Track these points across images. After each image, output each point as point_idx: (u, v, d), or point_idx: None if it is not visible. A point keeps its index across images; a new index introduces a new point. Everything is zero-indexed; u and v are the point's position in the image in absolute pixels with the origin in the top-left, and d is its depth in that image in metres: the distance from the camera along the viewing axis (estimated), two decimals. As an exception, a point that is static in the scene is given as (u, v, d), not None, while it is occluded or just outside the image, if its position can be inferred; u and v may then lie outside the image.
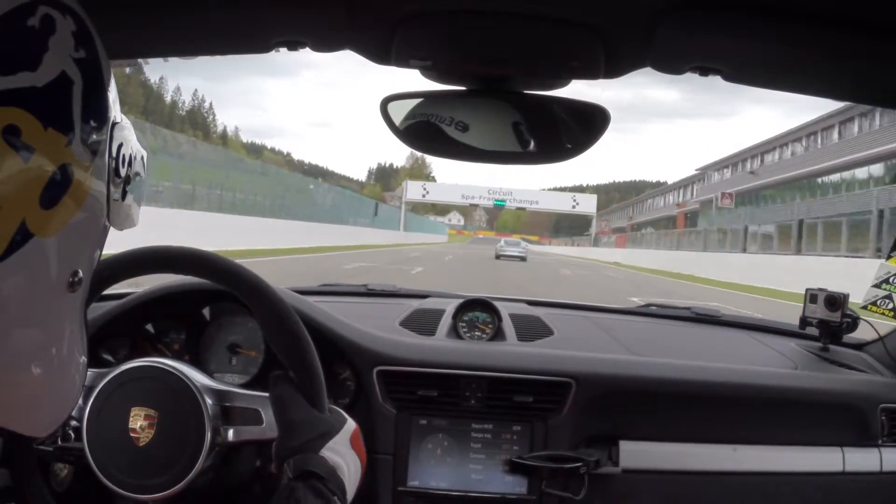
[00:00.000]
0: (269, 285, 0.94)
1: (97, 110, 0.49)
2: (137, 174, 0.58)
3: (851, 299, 1.60)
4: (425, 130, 0.91)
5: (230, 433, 0.95)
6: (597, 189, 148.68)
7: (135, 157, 0.57)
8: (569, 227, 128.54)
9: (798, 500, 1.35)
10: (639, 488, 1.32)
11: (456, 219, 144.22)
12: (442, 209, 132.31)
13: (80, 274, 0.49)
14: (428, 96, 0.91)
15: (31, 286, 0.45)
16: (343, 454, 0.87)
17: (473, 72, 0.87)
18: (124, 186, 0.54)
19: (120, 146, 0.53)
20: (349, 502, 0.88)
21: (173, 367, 0.95)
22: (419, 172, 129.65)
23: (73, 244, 0.48)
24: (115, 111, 0.53)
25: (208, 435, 0.92)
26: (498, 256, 31.31)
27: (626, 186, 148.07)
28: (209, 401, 0.94)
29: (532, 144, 0.91)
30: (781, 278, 15.82)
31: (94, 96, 0.48)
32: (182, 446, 0.91)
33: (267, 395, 0.94)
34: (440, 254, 32.54)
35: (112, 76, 0.52)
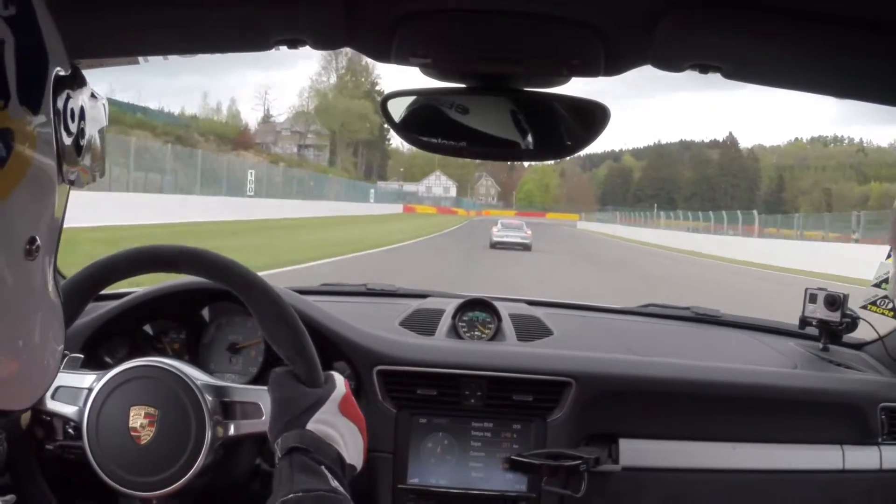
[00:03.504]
0: (261, 278, 0.95)
1: (35, 66, 0.46)
2: (94, 126, 0.55)
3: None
4: (425, 127, 0.92)
5: (231, 428, 0.95)
6: (637, 153, 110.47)
7: (87, 109, 0.53)
8: (624, 195, 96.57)
9: (798, 498, 1.35)
10: (638, 486, 1.32)
11: (441, 187, 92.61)
12: (420, 168, 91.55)
13: (39, 241, 0.47)
14: (428, 94, 0.91)
15: None
16: (333, 423, 0.87)
17: (473, 70, 0.87)
18: (77, 141, 0.52)
19: (67, 99, 0.50)
20: (357, 466, 0.88)
21: (172, 366, 0.96)
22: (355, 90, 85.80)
23: (24, 210, 0.45)
24: (60, 62, 0.49)
25: (209, 431, 0.92)
26: (493, 245, 22.50)
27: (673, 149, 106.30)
28: (209, 397, 0.94)
29: (532, 141, 0.92)
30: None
31: (32, 52, 0.45)
32: (183, 444, 0.92)
33: (265, 388, 0.94)
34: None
35: (53, 26, 0.49)
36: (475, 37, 0.82)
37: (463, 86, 0.89)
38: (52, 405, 0.96)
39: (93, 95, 0.56)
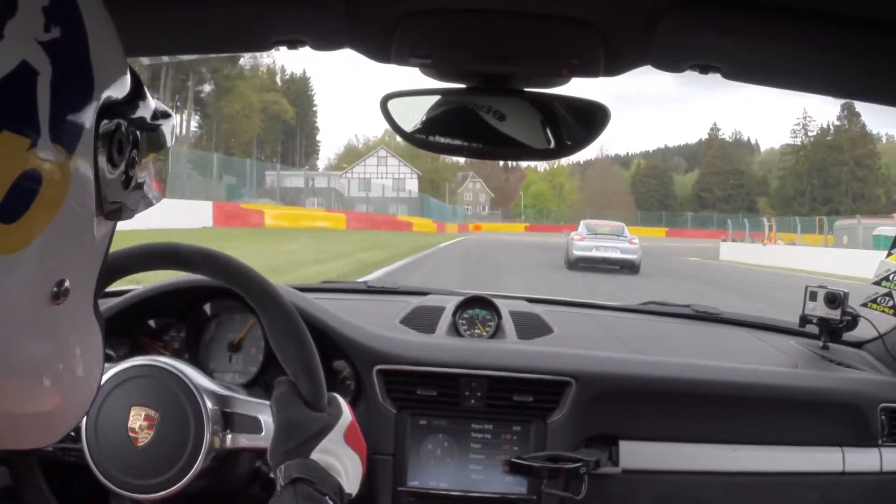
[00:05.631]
0: (277, 288, 0.94)
1: (76, 97, 0.40)
2: (153, 153, 0.50)
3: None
4: (425, 127, 0.92)
5: (228, 440, 0.95)
6: (647, 156, 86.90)
7: (145, 133, 0.48)
8: (663, 199, 72.33)
9: (798, 500, 1.34)
10: (639, 488, 1.32)
11: (391, 177, 58.49)
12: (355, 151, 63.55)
13: (68, 283, 0.42)
14: (428, 94, 0.91)
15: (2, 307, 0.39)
16: (337, 453, 0.85)
17: (473, 70, 0.87)
18: (127, 171, 0.46)
19: (117, 128, 0.44)
20: (353, 494, 0.87)
21: (175, 368, 0.95)
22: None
23: (50, 253, 0.41)
24: (112, 85, 0.44)
25: (207, 438, 0.92)
26: (574, 263, 14.83)
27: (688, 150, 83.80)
28: (210, 404, 0.94)
29: (530, 141, 0.92)
30: None
31: (73, 81, 0.40)
32: (181, 449, 0.91)
33: (268, 402, 0.93)
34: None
35: (110, 43, 0.44)
36: (475, 37, 0.82)
37: (462, 86, 0.89)
38: None
39: (158, 115, 0.51)
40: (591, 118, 0.89)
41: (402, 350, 1.33)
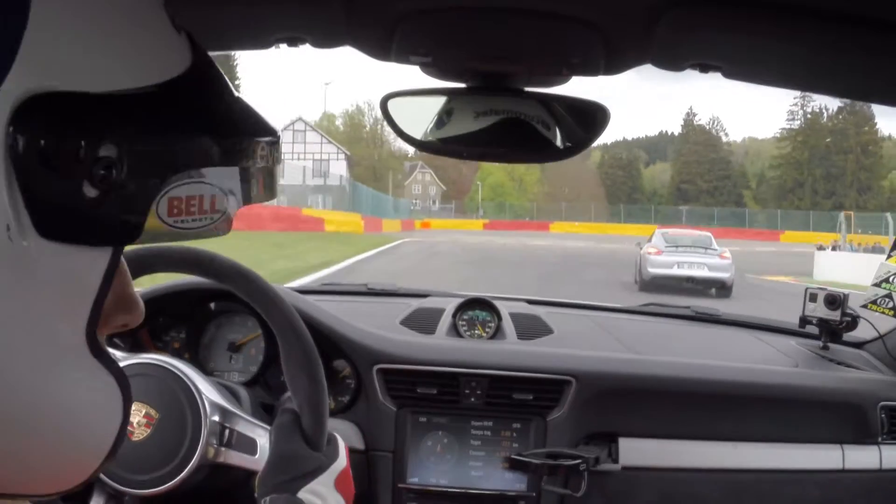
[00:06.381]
0: (300, 322, 0.91)
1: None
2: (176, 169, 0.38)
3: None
4: (425, 127, 0.92)
5: (222, 452, 0.94)
6: (607, 149, 70.95)
7: (133, 147, 0.36)
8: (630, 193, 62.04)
9: (798, 497, 1.35)
10: (638, 485, 1.32)
11: (293, 151, 44.71)
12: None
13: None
14: (428, 93, 0.91)
15: None
16: (324, 496, 0.83)
17: (474, 69, 0.87)
18: (95, 186, 0.35)
19: (58, 132, 0.34)
20: None
21: (182, 373, 0.95)
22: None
23: None
24: (72, 75, 0.34)
25: (201, 447, 0.92)
26: (648, 283, 11.60)
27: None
28: (211, 416, 0.94)
29: (531, 143, 0.92)
30: None
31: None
32: (173, 453, 0.91)
33: (268, 428, 0.93)
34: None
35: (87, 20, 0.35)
36: (475, 35, 0.82)
37: (463, 85, 0.89)
38: None
39: (180, 124, 0.40)
40: (590, 119, 0.89)
41: (403, 350, 1.33)
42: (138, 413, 0.92)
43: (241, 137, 0.43)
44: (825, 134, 56.44)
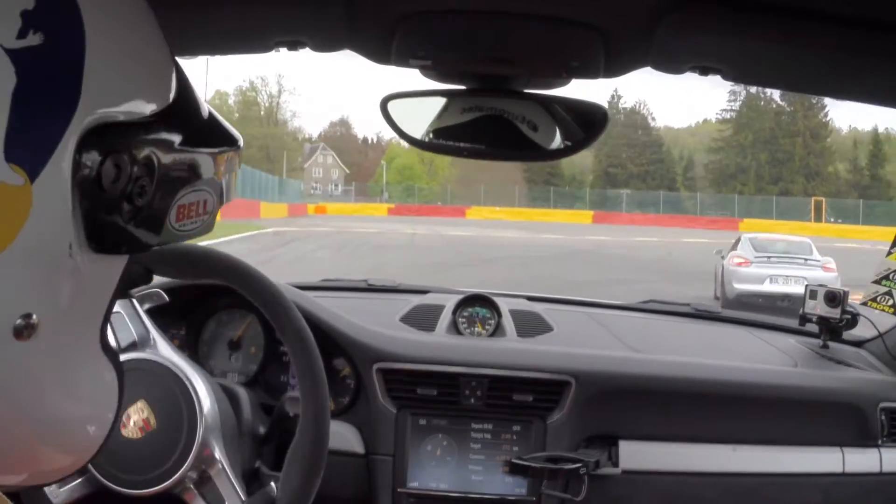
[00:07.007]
0: (323, 373, 0.91)
1: (48, 113, 0.35)
2: (187, 183, 0.44)
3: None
4: (426, 129, 0.92)
5: (191, 495, 0.94)
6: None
7: (161, 162, 0.42)
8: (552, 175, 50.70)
9: (798, 501, 1.34)
10: (639, 489, 1.32)
11: None
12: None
13: (35, 318, 0.36)
14: (428, 95, 0.91)
15: None
16: None
17: (473, 71, 0.87)
18: (132, 202, 0.40)
19: (111, 152, 0.38)
20: None
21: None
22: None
23: (6, 286, 0.35)
24: (125, 102, 0.39)
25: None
26: (732, 301, 8.48)
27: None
28: (197, 450, 0.92)
29: (532, 143, 0.92)
30: None
31: (46, 95, 0.35)
32: (165, 457, 0.91)
33: (243, 499, 0.93)
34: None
35: (135, 54, 0.40)
36: (475, 38, 0.82)
37: (462, 87, 0.89)
38: None
39: (198, 140, 0.46)
40: (590, 120, 0.89)
41: (402, 348, 1.33)
42: (138, 412, 0.92)
43: (223, 147, 0.49)
44: (770, 116, 51.21)
